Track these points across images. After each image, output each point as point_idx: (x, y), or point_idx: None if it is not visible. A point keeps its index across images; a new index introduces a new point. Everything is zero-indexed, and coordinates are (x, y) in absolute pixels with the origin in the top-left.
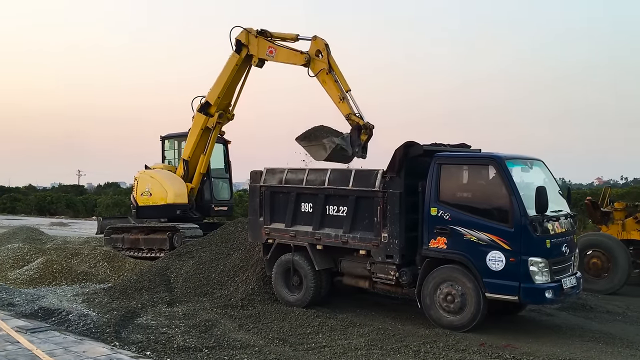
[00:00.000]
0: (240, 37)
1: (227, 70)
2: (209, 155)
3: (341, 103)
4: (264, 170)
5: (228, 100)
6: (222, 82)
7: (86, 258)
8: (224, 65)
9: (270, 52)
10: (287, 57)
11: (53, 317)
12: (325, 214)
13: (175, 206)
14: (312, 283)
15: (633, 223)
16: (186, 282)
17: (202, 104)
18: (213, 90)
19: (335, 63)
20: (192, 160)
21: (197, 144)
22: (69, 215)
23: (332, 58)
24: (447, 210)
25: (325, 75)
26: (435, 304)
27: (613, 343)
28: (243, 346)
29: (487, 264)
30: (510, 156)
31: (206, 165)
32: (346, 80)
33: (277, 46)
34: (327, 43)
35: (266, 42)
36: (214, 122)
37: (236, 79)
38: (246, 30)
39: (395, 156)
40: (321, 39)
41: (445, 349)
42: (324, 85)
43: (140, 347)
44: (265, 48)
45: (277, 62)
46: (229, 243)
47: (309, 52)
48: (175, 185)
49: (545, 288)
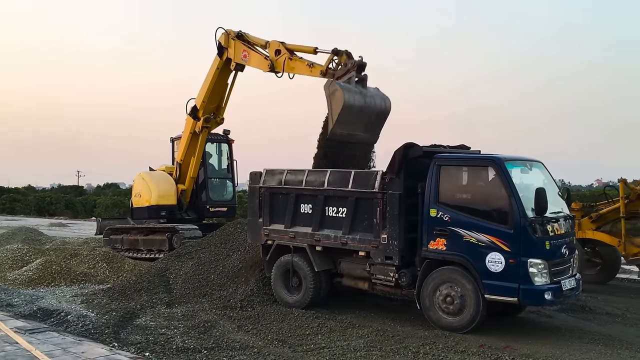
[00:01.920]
0: (221, 39)
1: (210, 73)
2: (199, 159)
3: (312, 69)
4: (264, 171)
5: (215, 104)
6: (206, 86)
7: (85, 259)
8: (209, 69)
9: (244, 56)
10: (257, 62)
11: (52, 317)
12: (324, 215)
13: (160, 207)
14: (311, 284)
15: (588, 223)
16: (185, 283)
17: (192, 108)
18: (199, 95)
19: (293, 45)
20: (184, 163)
21: (188, 147)
22: (68, 215)
23: (289, 45)
24: (447, 212)
25: (290, 61)
26: (434, 305)
27: (612, 345)
28: (242, 347)
29: (487, 265)
30: (509, 157)
31: (196, 169)
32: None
33: (251, 50)
34: (281, 41)
35: (242, 46)
36: (200, 127)
37: (221, 82)
38: (226, 32)
39: (395, 157)
40: (274, 41)
41: (445, 351)
42: (294, 72)
43: (139, 348)
44: (241, 52)
45: (250, 66)
46: (229, 244)
47: (270, 57)
48: (160, 187)
49: (545, 289)
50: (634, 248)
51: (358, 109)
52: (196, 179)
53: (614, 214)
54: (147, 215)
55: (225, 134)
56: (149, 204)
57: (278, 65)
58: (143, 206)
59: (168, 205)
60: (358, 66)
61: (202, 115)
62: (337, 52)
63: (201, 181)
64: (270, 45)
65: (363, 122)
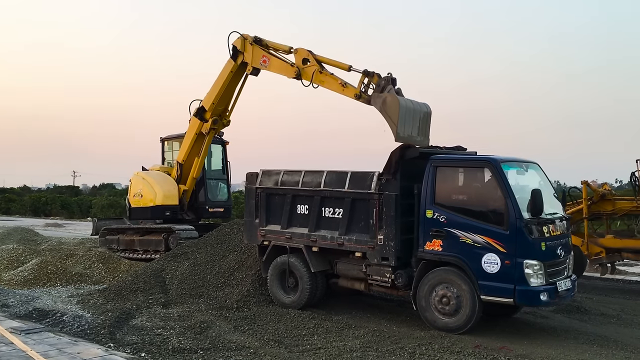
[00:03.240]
0: (237, 43)
1: (223, 76)
2: (203, 160)
3: (345, 89)
4: (260, 172)
5: (224, 106)
6: (217, 88)
7: (81, 259)
8: (220, 71)
9: (264, 61)
10: (279, 68)
11: (47, 318)
12: (321, 216)
13: (164, 207)
14: (307, 285)
15: None
16: (181, 283)
17: (198, 109)
18: (208, 96)
19: (324, 58)
20: (186, 164)
21: (192, 148)
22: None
23: (319, 56)
24: (443, 213)
25: (320, 74)
26: (430, 306)
27: (607, 345)
28: (238, 348)
29: (483, 266)
30: (505, 159)
31: (200, 170)
32: (340, 62)
33: (271, 56)
34: (310, 50)
35: (261, 51)
36: (207, 128)
37: (232, 85)
38: (242, 37)
39: (391, 158)
40: (302, 49)
41: (441, 351)
42: (323, 85)
43: (135, 349)
44: (260, 57)
45: (270, 71)
46: (225, 245)
47: (296, 64)
48: (164, 187)
49: (541, 290)
50: (596, 248)
51: (411, 110)
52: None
53: (578, 215)
54: (150, 216)
55: (219, 135)
56: (154, 204)
57: (306, 74)
58: (146, 206)
59: (172, 205)
60: (392, 80)
61: (210, 117)
62: (369, 73)
63: (199, 182)
64: (298, 52)
65: (417, 125)
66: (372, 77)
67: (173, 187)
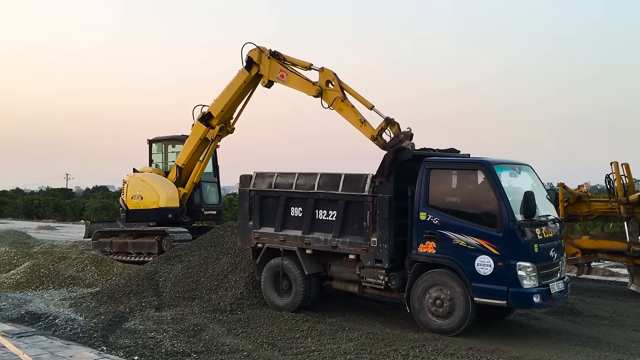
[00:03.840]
0: (252, 54)
1: (235, 85)
2: (205, 165)
3: (363, 126)
4: (254, 174)
5: (230, 114)
6: (227, 97)
7: (74, 262)
8: (232, 80)
9: (281, 75)
10: (298, 84)
11: (40, 321)
12: (314, 218)
13: (167, 210)
14: (301, 287)
15: None
16: (175, 286)
17: (204, 114)
18: (217, 103)
19: (348, 87)
20: (186, 168)
21: (194, 153)
22: (57, 218)
23: (344, 84)
24: (436, 215)
25: (341, 102)
26: (424, 308)
27: (600, 347)
28: (232, 351)
29: (476, 268)
30: (498, 161)
31: (201, 174)
32: (365, 99)
33: (290, 71)
34: (335, 73)
35: (278, 65)
36: (213, 135)
37: (242, 95)
38: (259, 49)
39: (385, 161)
40: (329, 70)
41: (434, 353)
42: (341, 114)
43: (128, 352)
44: (277, 71)
45: (287, 86)
46: (218, 247)
47: (319, 84)
48: (166, 189)
49: (534, 292)
50: (572, 249)
51: None
52: None
53: None
54: (152, 218)
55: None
56: (157, 207)
57: (328, 97)
58: (147, 208)
59: (174, 207)
60: (410, 135)
61: (217, 124)
62: (390, 121)
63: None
64: (324, 72)
65: None
66: (393, 126)
67: (174, 190)
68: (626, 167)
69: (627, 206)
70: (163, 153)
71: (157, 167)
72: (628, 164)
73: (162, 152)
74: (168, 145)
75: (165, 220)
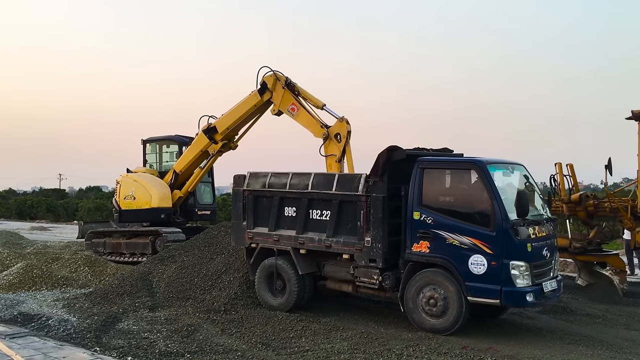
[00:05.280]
0: (268, 80)
1: (245, 106)
2: (203, 176)
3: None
4: (248, 174)
5: (235, 132)
6: (236, 116)
7: (67, 263)
8: (243, 100)
9: (292, 109)
10: (306, 122)
11: (33, 322)
12: (308, 218)
13: (160, 210)
14: (295, 287)
15: None
16: (168, 286)
17: (209, 127)
18: (224, 120)
19: (349, 151)
20: (182, 175)
21: (193, 162)
22: (50, 219)
23: (349, 147)
24: (430, 215)
25: (334, 162)
26: (418, 307)
27: (593, 346)
28: (226, 351)
29: (469, 267)
30: (491, 161)
31: (197, 183)
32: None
33: (301, 106)
34: (350, 130)
35: (291, 97)
36: (215, 150)
37: (250, 116)
38: (275, 76)
39: (379, 160)
40: (347, 124)
41: (428, 352)
42: (327, 165)
43: (121, 353)
44: (289, 103)
45: (295, 121)
46: (212, 247)
47: (329, 130)
48: (159, 190)
49: (527, 291)
50: None
51: None
52: None
53: None
54: (144, 218)
55: None
56: (149, 207)
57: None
58: (140, 209)
59: (167, 208)
60: None
61: (220, 140)
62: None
63: None
64: (342, 124)
65: None
66: None
67: (167, 190)
68: (570, 167)
69: (569, 205)
70: (157, 153)
71: (151, 167)
72: (572, 164)
73: (156, 153)
74: (162, 145)
75: (158, 220)
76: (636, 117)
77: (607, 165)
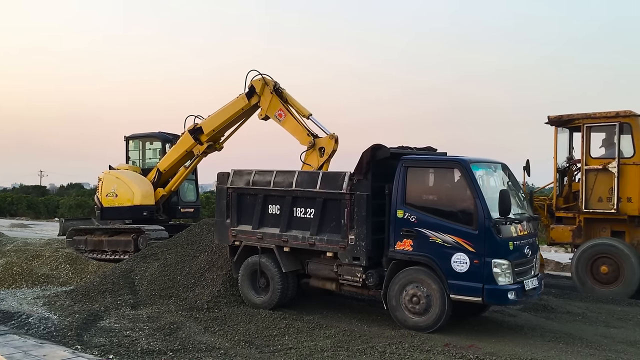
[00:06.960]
0: (256, 84)
1: (232, 109)
2: (187, 176)
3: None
4: (231, 171)
5: (221, 134)
6: (222, 118)
7: (47, 260)
8: (230, 103)
9: (279, 114)
10: (293, 129)
11: (12, 320)
12: (292, 216)
13: (142, 207)
14: (278, 285)
15: None
16: (151, 284)
17: (195, 127)
18: (210, 121)
19: (327, 168)
20: (165, 174)
21: (177, 162)
22: (30, 216)
23: (328, 164)
24: (413, 213)
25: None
26: (401, 305)
27: (573, 343)
28: (208, 349)
29: (452, 265)
30: (474, 160)
31: (181, 182)
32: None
33: (288, 113)
34: (336, 149)
35: (279, 103)
36: (200, 151)
37: (237, 119)
38: (264, 81)
39: (363, 159)
40: (335, 143)
41: (411, 350)
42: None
43: (102, 351)
44: (276, 109)
45: (281, 126)
46: (195, 245)
47: (316, 140)
48: (142, 187)
49: (508, 289)
50: None
51: None
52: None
53: None
54: (126, 215)
55: None
56: (131, 204)
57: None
58: (122, 206)
59: (149, 205)
60: None
61: (205, 142)
62: None
63: None
64: (330, 141)
65: None
66: None
67: (150, 187)
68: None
69: None
70: (140, 150)
71: (134, 164)
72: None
73: (139, 149)
74: (145, 142)
75: (140, 218)
76: (552, 122)
77: (526, 167)
